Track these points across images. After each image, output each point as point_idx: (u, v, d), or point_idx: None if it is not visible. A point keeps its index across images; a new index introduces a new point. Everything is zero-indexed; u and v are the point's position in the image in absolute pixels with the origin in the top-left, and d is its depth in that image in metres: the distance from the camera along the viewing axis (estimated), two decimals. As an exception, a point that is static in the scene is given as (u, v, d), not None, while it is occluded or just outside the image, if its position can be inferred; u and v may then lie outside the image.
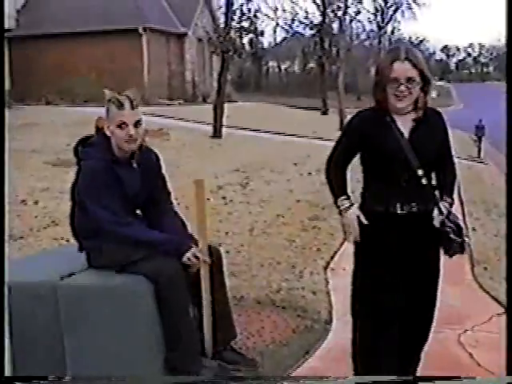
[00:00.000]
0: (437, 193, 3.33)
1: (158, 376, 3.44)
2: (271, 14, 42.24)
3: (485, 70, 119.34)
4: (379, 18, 66.35)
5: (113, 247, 3.47)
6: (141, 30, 30.18)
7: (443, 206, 3.30)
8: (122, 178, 3.51)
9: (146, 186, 3.65)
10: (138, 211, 3.74)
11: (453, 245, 3.29)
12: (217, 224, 7.66)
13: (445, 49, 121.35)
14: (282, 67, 73.65)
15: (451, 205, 3.36)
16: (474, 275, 6.17)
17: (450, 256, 3.36)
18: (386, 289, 3.38)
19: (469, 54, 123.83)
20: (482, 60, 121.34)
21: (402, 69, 3.14)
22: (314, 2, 37.40)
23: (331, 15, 33.26)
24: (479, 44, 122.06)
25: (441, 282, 5.86)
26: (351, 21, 39.07)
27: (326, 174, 3.45)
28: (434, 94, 73.26)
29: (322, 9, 35.86)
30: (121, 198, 3.49)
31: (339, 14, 31.89)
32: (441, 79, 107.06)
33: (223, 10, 19.26)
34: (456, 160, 3.81)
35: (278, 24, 44.51)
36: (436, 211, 3.27)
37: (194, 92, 34.48)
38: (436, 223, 3.26)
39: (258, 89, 58.97)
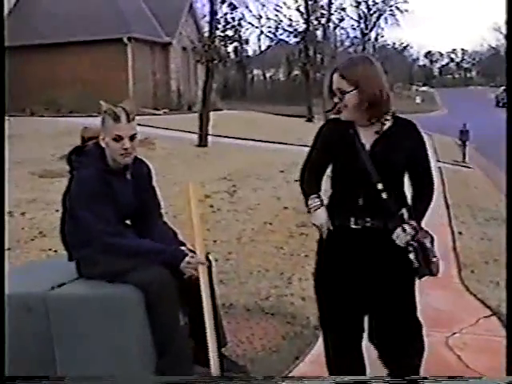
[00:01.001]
0: (404, 210, 3.14)
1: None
2: (255, 22, 42.37)
3: (468, 75, 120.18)
4: (363, 25, 66.86)
5: (103, 257, 3.48)
6: (125, 40, 30.18)
7: (409, 225, 3.11)
8: (114, 188, 3.53)
9: (138, 197, 3.67)
10: (128, 221, 3.75)
11: (417, 267, 3.12)
12: (205, 232, 7.65)
13: (428, 54, 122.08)
14: (267, 75, 73.81)
15: (419, 225, 3.16)
16: (460, 278, 6.22)
17: (419, 278, 3.22)
18: (343, 299, 3.27)
19: (452, 60, 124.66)
20: (465, 65, 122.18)
21: (335, 80, 3.12)
22: (298, 10, 37.53)
23: (315, 23, 33.43)
24: (462, 49, 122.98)
25: (427, 285, 5.93)
26: (335, 28, 39.43)
27: (300, 182, 3.41)
28: (418, 99, 73.87)
29: (305, 16, 36.00)
30: (113, 208, 3.50)
31: (323, 21, 32.13)
32: (424, 84, 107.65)
33: (207, 18, 19.33)
34: (441, 164, 3.88)
35: (262, 32, 44.68)
36: (399, 229, 3.09)
37: (179, 101, 34.48)
38: (399, 242, 3.09)
39: (243, 97, 59.04)
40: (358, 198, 3.14)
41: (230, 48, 19.55)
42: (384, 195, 3.09)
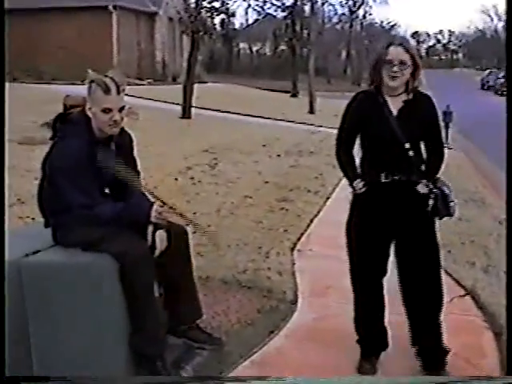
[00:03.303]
0: (423, 166, 3.74)
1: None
2: (243, -5, 41.97)
3: (454, 56, 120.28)
4: (351, 2, 66.63)
5: (80, 225, 3.45)
6: (111, 8, 29.85)
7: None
8: (98, 158, 3.48)
9: (120, 167, 3.63)
10: (107, 190, 3.70)
11: (437, 210, 3.69)
12: (184, 204, 7.63)
13: (415, 34, 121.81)
14: (253, 49, 73.37)
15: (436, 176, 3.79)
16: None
17: (440, 219, 3.77)
18: (374, 244, 3.83)
19: (438, 41, 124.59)
20: (452, 47, 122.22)
21: (396, 52, 3.62)
22: (287, -16, 37.26)
23: (303, -2, 33.18)
24: (449, 31, 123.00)
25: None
26: (323, 4, 39.19)
27: (336, 156, 3.90)
28: (403, 79, 73.83)
29: (294, -10, 35.76)
30: (94, 179, 3.47)
31: (311, -4, 31.78)
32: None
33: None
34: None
35: (249, 5, 44.33)
36: (424, 181, 3.69)
37: (163, 72, 34.24)
38: (422, 191, 3.68)
39: (229, 70, 58.70)
40: (387, 157, 3.68)
41: (217, 20, 19.43)
42: (410, 153, 3.65)
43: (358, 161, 3.88)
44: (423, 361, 3.92)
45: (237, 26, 65.15)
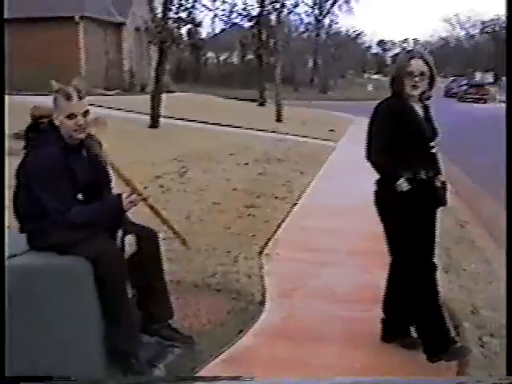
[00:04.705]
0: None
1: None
2: (209, 5, 42.00)
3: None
4: (317, 11, 66.99)
5: (55, 229, 3.59)
6: (77, 19, 29.79)
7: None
8: (71, 165, 3.64)
9: (92, 172, 3.79)
10: (80, 196, 3.84)
11: (444, 199, 4.18)
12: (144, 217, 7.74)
13: (381, 43, 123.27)
14: (221, 58, 73.54)
15: None
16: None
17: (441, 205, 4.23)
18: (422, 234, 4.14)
19: (403, 49, 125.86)
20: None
21: (417, 64, 4.03)
22: (253, -6, 37.48)
23: (269, 7, 33.40)
24: (414, 39, 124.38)
25: (371, 265, 6.20)
26: (289, 13, 39.38)
27: (373, 160, 4.14)
28: (370, 87, 74.47)
29: (260, 1, 35.99)
30: (68, 185, 3.63)
31: (277, 6, 32.02)
32: (377, 73, 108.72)
33: (162, 1, 19.17)
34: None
35: (216, 15, 44.30)
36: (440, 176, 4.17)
37: (131, 82, 34.21)
38: (438, 183, 4.13)
39: (196, 79, 58.75)
40: (423, 156, 4.08)
41: (184, 30, 19.46)
42: (434, 150, 4.14)
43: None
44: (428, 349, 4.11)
45: (204, 35, 65.20)
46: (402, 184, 3.99)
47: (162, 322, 3.99)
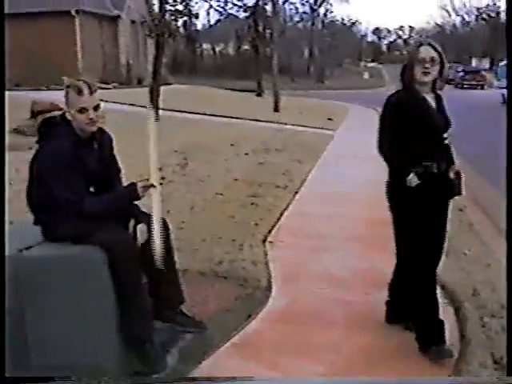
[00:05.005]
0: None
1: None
2: (204, -4, 42.10)
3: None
4: (312, 1, 67.01)
5: (69, 220, 3.72)
6: (73, 13, 29.85)
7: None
8: (83, 158, 3.77)
9: (103, 165, 3.92)
10: (92, 189, 3.97)
11: (458, 189, 4.17)
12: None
13: (376, 31, 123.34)
14: (217, 49, 73.55)
15: None
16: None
17: (453, 197, 4.22)
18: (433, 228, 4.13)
19: (399, 36, 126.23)
20: (412, 42, 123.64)
21: (427, 51, 4.04)
22: (248, -16, 37.52)
23: (265, -3, 33.47)
24: (409, 26, 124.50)
25: (373, 249, 6.36)
26: (284, 2, 39.46)
27: (384, 153, 4.15)
28: (366, 75, 74.40)
29: (255, -9, 36.03)
30: (82, 178, 3.75)
31: (272, -4, 32.06)
32: (373, 60, 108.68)
33: (157, -8, 19.24)
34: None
35: (211, 6, 44.40)
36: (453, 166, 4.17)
37: (128, 75, 34.29)
38: (452, 175, 4.14)
39: (193, 71, 58.82)
40: (436, 148, 4.07)
41: (180, 22, 19.49)
42: (447, 141, 4.13)
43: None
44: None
45: (199, 27, 65.32)
46: (412, 179, 3.98)
47: (173, 308, 4.12)
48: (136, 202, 4.00)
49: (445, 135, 4.13)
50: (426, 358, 4.06)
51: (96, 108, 3.77)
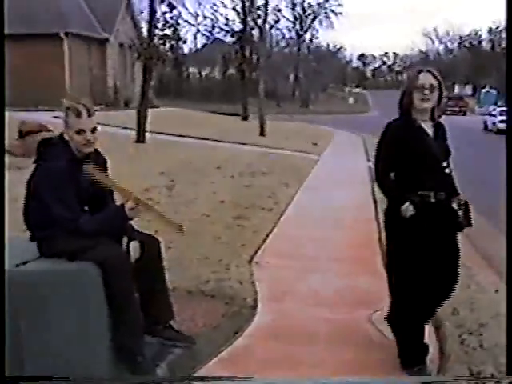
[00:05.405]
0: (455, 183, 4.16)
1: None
2: (192, 20, 42.41)
3: (399, 77, 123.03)
4: (298, 26, 67.87)
5: (65, 237, 3.87)
6: (62, 35, 30.07)
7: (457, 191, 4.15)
8: (79, 178, 3.93)
9: (98, 185, 4.07)
10: (86, 207, 4.13)
11: (463, 221, 4.07)
12: (146, 224, 8.00)
13: (361, 57, 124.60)
14: (203, 73, 73.95)
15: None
16: (384, 265, 6.80)
17: (461, 230, 4.17)
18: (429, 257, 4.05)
19: (384, 63, 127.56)
20: (397, 68, 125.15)
21: (426, 77, 4.04)
22: (235, 10, 37.97)
23: (251, 23, 33.87)
24: (393, 53, 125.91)
25: (356, 272, 6.52)
26: (271, 28, 39.92)
27: (378, 183, 4.21)
28: (351, 100, 75.01)
29: (242, 16, 36.46)
30: (77, 196, 3.91)
31: (259, 22, 32.47)
32: (357, 86, 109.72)
33: (146, 17, 19.51)
34: (371, 164, 4.48)
35: (198, 30, 44.74)
36: (456, 196, 4.09)
37: (115, 97, 34.48)
38: (456, 206, 4.05)
39: (179, 94, 59.06)
40: (432, 177, 4.02)
41: (167, 46, 19.71)
42: (447, 170, 4.08)
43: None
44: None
45: (186, 50, 65.68)
46: (407, 208, 3.93)
47: (163, 323, 4.27)
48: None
49: (444, 164, 4.07)
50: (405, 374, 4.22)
51: (93, 130, 3.94)
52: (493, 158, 19.36)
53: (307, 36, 69.47)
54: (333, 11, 66.85)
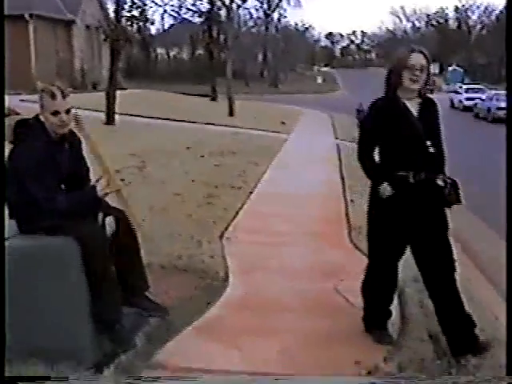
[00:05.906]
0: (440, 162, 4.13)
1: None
2: (159, 1, 42.13)
3: (367, 56, 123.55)
4: (265, 6, 67.67)
5: (42, 215, 4.04)
6: (27, 17, 29.78)
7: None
8: (55, 158, 4.09)
9: (72, 164, 4.25)
10: (62, 185, 4.30)
11: (451, 198, 4.04)
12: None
13: (329, 36, 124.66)
14: (171, 54, 73.61)
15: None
16: (350, 238, 7.08)
17: (449, 207, 4.13)
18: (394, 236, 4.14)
19: (352, 41, 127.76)
20: (365, 47, 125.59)
21: (418, 58, 4.00)
22: (201, -11, 37.82)
23: (219, 3, 33.79)
24: (361, 32, 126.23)
25: (324, 246, 6.77)
26: (238, 8, 39.78)
27: (360, 161, 4.18)
28: (319, 79, 75.14)
29: (209, -4, 36.37)
30: (53, 176, 4.08)
31: (226, 1, 32.43)
32: (326, 65, 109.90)
33: (113, -1, 19.45)
34: (339, 141, 4.66)
35: (165, 11, 44.46)
36: (440, 175, 4.06)
37: (83, 80, 34.29)
38: (440, 182, 4.03)
39: (147, 76, 58.74)
40: (413, 157, 3.99)
41: (135, 27, 19.70)
42: (431, 149, 4.01)
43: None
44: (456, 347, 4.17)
45: (153, 31, 65.25)
46: (385, 189, 3.97)
47: (140, 294, 4.48)
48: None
49: (428, 143, 4.02)
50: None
51: (68, 111, 4.09)
52: (460, 133, 19.89)
53: (275, 16, 69.44)
54: (300, -10, 66.89)
